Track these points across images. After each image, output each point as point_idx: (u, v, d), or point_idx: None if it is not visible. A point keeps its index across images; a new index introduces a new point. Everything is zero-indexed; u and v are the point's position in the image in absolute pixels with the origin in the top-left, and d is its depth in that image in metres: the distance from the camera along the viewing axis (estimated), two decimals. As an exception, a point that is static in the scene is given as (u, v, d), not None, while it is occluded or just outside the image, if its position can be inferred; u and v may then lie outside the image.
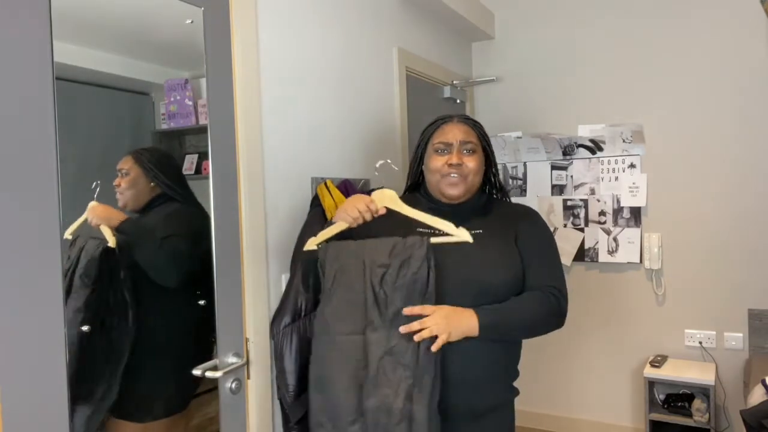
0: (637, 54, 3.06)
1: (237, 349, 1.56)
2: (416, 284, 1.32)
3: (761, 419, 2.03)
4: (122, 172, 1.36)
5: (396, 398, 1.26)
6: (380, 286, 1.33)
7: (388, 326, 1.31)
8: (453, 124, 1.52)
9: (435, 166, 1.50)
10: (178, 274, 1.51)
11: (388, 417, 1.26)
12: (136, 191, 1.39)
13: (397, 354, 1.29)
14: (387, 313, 1.32)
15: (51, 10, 1.13)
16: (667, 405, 2.85)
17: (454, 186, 1.48)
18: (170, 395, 1.50)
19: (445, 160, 1.48)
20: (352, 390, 1.30)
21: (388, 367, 1.28)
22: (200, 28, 1.48)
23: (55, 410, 1.12)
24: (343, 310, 1.36)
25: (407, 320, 1.31)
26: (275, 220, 1.74)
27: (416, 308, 1.31)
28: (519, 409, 3.36)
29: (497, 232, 1.49)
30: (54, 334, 1.12)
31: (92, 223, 1.32)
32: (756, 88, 2.81)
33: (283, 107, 1.82)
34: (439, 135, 1.52)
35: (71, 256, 1.27)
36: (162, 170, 1.45)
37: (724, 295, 2.91)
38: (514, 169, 3.36)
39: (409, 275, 1.32)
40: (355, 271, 1.36)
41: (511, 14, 3.40)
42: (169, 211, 1.48)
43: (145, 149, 1.42)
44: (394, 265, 1.33)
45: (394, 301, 1.32)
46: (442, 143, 1.50)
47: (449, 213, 1.51)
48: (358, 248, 1.39)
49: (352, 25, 2.22)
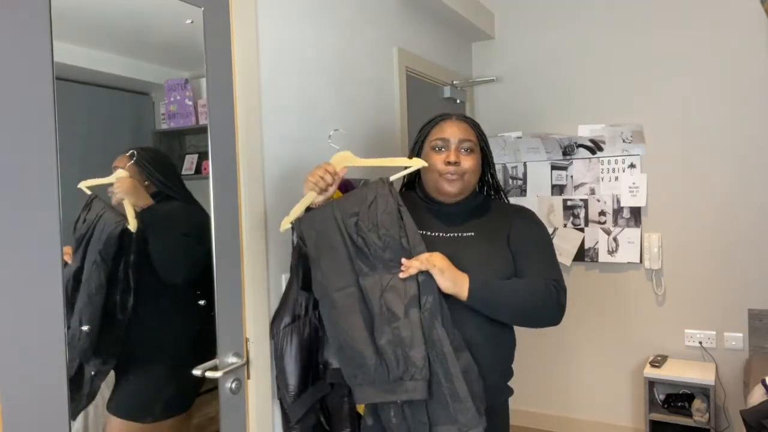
0: (637, 54, 3.06)
1: (237, 349, 1.56)
2: (391, 218, 1.35)
3: (761, 419, 2.03)
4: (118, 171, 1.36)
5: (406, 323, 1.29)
6: (357, 234, 1.36)
7: (377, 267, 1.35)
8: (451, 122, 1.52)
9: (433, 164, 1.49)
10: (188, 273, 1.52)
11: (403, 346, 1.28)
12: (132, 194, 1.38)
13: (394, 288, 1.32)
14: (371, 256, 1.35)
15: (51, 10, 1.13)
16: (667, 405, 2.85)
17: (451, 184, 1.47)
18: (170, 396, 1.50)
19: (443, 158, 1.48)
20: (367, 338, 1.32)
21: (391, 302, 1.31)
22: (200, 28, 1.48)
23: (55, 410, 1.12)
24: (332, 269, 1.38)
25: (396, 252, 1.34)
26: (275, 220, 1.74)
27: (414, 261, 1.33)
28: (518, 409, 3.37)
29: (489, 234, 1.48)
30: (54, 334, 1.12)
31: (116, 194, 1.32)
32: (756, 88, 2.81)
33: (282, 107, 1.82)
34: (438, 132, 1.51)
35: (86, 219, 1.26)
36: (158, 169, 1.44)
37: (724, 295, 2.91)
38: (514, 169, 3.36)
39: (379, 214, 1.35)
40: (332, 231, 1.39)
41: (511, 14, 3.40)
42: (171, 209, 1.48)
43: (141, 148, 1.41)
44: (362, 209, 1.37)
45: (373, 241, 1.34)
46: (440, 140, 1.49)
47: (444, 214, 1.52)
48: (327, 210, 1.42)
49: (352, 25, 2.22)
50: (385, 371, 1.30)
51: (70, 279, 1.24)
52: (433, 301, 1.30)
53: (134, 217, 1.35)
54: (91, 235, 1.28)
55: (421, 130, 1.58)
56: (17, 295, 1.06)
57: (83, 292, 1.29)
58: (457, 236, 1.47)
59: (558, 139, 3.16)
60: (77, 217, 1.22)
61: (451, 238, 1.47)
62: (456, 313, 1.34)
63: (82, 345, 1.30)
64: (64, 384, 1.13)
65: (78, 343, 1.28)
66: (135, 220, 1.35)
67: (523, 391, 3.40)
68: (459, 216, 1.51)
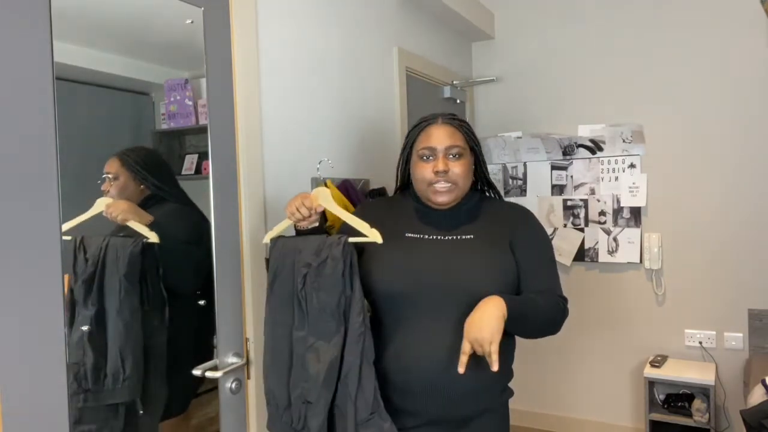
0: (637, 54, 3.06)
1: (237, 349, 1.56)
2: (335, 284, 1.32)
3: (761, 419, 2.03)
4: (110, 176, 1.32)
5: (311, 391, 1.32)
6: (302, 287, 1.34)
7: (309, 326, 1.34)
8: (437, 127, 1.44)
9: (421, 175, 1.43)
10: (196, 282, 1.52)
11: (307, 409, 1.32)
12: (126, 196, 1.35)
13: (317, 351, 1.32)
14: (307, 314, 1.34)
15: (51, 10, 1.13)
16: (667, 405, 2.85)
17: (441, 194, 1.42)
18: (170, 397, 1.49)
19: (430, 167, 1.41)
20: (284, 380, 1.36)
21: (309, 362, 1.32)
22: (200, 28, 1.48)
23: (55, 410, 1.12)
24: (278, 305, 1.39)
25: (327, 319, 1.31)
26: (275, 220, 1.74)
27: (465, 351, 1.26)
28: (518, 409, 3.37)
29: (490, 237, 1.43)
30: (54, 334, 1.12)
31: (117, 219, 1.30)
32: (756, 88, 2.81)
33: (283, 107, 1.82)
34: (424, 140, 1.44)
35: (87, 258, 1.23)
36: (150, 171, 1.41)
37: (724, 295, 2.91)
38: (514, 169, 3.36)
39: (325, 276, 1.32)
40: (288, 270, 1.38)
41: (511, 14, 3.40)
42: (169, 217, 1.45)
43: (131, 150, 1.37)
44: (314, 265, 1.33)
45: (312, 301, 1.33)
46: (426, 149, 1.42)
47: (439, 217, 1.47)
48: (294, 245, 1.40)
49: (352, 25, 2.22)
50: (290, 419, 1.35)
51: (92, 323, 1.23)
52: (351, 375, 1.30)
53: (150, 230, 1.34)
54: (102, 269, 1.27)
55: (407, 136, 1.51)
56: (17, 294, 1.06)
57: (117, 326, 1.28)
58: (455, 239, 1.43)
59: (558, 139, 3.16)
60: (72, 263, 1.18)
61: (450, 241, 1.42)
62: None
63: (130, 385, 1.30)
64: (64, 384, 1.13)
65: (123, 386, 1.29)
66: (153, 232, 1.34)
67: (523, 391, 3.40)
68: (456, 218, 1.47)
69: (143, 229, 1.33)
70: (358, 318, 1.31)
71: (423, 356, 1.34)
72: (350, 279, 1.32)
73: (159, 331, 1.40)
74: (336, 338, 1.30)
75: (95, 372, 1.27)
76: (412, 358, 1.35)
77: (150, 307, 1.37)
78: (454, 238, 1.43)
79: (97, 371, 1.27)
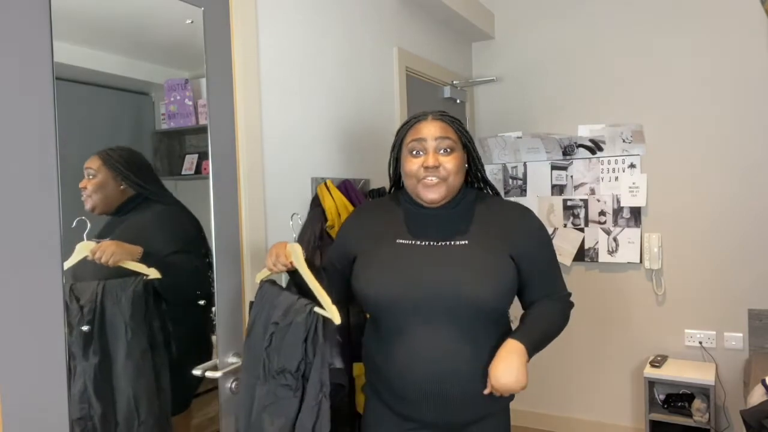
0: (637, 54, 3.06)
1: (237, 349, 1.56)
2: (295, 351, 1.31)
3: (761, 419, 2.03)
4: (89, 172, 1.26)
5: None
6: (268, 345, 1.34)
7: (269, 384, 1.33)
8: (427, 122, 1.39)
9: (411, 170, 1.37)
10: (192, 291, 1.51)
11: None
12: (104, 194, 1.29)
13: (272, 412, 1.31)
14: (268, 371, 1.33)
15: (51, 10, 1.13)
16: (667, 405, 2.85)
17: (432, 189, 1.36)
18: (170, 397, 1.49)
19: (420, 162, 1.36)
20: (244, 427, 1.36)
21: (264, 421, 1.31)
22: (200, 28, 1.48)
23: (55, 410, 1.12)
24: (249, 354, 1.39)
25: (285, 383, 1.31)
26: (275, 220, 1.74)
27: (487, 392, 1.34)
28: (518, 409, 3.37)
29: (485, 241, 1.37)
30: (54, 334, 1.12)
31: (109, 264, 1.25)
32: (756, 88, 2.81)
33: (283, 107, 1.82)
34: (413, 134, 1.39)
35: (81, 306, 1.19)
36: (132, 170, 1.36)
37: (724, 295, 2.91)
38: (514, 169, 3.36)
39: (287, 339, 1.31)
40: (262, 322, 1.38)
41: (511, 14, 3.40)
42: (155, 218, 1.41)
43: (113, 149, 1.32)
44: (281, 326, 1.33)
45: (273, 360, 1.32)
46: (416, 141, 1.37)
47: (432, 219, 1.41)
48: (271, 299, 1.39)
49: (352, 25, 2.22)
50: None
51: (96, 373, 1.21)
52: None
53: (148, 266, 1.31)
54: (102, 316, 1.24)
55: (397, 133, 1.46)
56: (18, 295, 1.06)
57: (126, 370, 1.27)
58: (449, 245, 1.36)
59: (558, 139, 3.16)
60: (65, 316, 1.14)
61: (443, 248, 1.36)
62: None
63: (146, 428, 1.28)
64: (64, 384, 1.13)
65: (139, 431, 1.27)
66: (152, 269, 1.32)
67: (523, 391, 3.40)
68: (450, 221, 1.41)
69: (141, 267, 1.30)
70: (314, 388, 1.28)
71: (419, 364, 1.32)
72: (312, 347, 1.30)
73: (164, 360, 1.39)
74: (291, 404, 1.29)
75: (104, 424, 1.24)
76: (408, 366, 1.33)
77: (158, 340, 1.36)
78: (448, 244, 1.37)
79: (107, 422, 1.25)
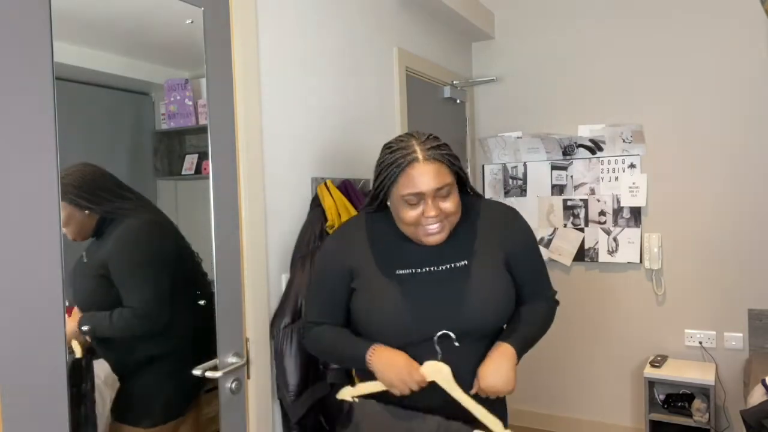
0: (637, 54, 3.06)
1: (237, 349, 1.56)
2: None
3: (761, 419, 2.03)
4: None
5: None
6: None
7: None
8: (420, 167, 1.23)
9: (408, 219, 1.27)
10: (167, 315, 1.45)
11: None
12: (75, 227, 1.26)
13: None
14: None
15: (51, 10, 1.13)
16: (667, 405, 2.85)
17: (434, 235, 1.28)
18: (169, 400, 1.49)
19: (418, 212, 1.25)
20: None
21: None
22: (200, 28, 1.48)
23: (55, 410, 1.12)
24: None
25: None
26: (275, 220, 1.74)
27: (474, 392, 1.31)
28: (518, 409, 3.37)
29: (483, 256, 1.34)
30: (54, 334, 1.12)
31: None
32: (756, 88, 2.81)
33: (282, 107, 1.82)
34: (406, 184, 1.24)
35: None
36: (86, 193, 1.29)
37: (724, 295, 2.91)
38: (514, 169, 3.36)
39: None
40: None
41: (511, 14, 3.40)
42: (119, 238, 1.35)
43: (66, 173, 1.21)
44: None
45: None
46: (412, 196, 1.24)
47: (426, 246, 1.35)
48: (395, 424, 1.30)
49: (352, 25, 2.22)
50: None
51: None
52: None
53: (78, 344, 1.25)
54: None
55: (383, 171, 1.28)
56: (18, 295, 1.06)
57: None
58: (450, 267, 1.33)
59: (558, 139, 3.16)
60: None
61: (446, 272, 1.32)
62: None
63: None
64: (64, 384, 1.13)
65: None
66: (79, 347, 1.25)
67: (523, 391, 3.40)
68: (446, 242, 1.34)
69: (75, 347, 1.25)
70: None
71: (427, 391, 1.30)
72: None
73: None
74: None
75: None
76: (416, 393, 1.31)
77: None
78: (449, 266, 1.33)
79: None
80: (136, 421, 1.40)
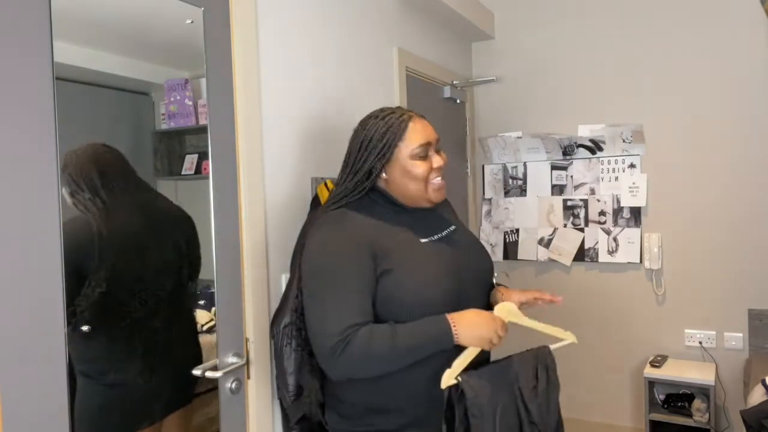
0: (637, 54, 3.06)
1: (237, 349, 1.56)
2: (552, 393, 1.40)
3: (761, 419, 2.03)
4: None
5: None
6: (532, 404, 1.34)
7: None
8: (420, 121, 1.35)
9: (419, 174, 1.32)
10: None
11: None
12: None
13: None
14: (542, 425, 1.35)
15: (51, 10, 1.13)
16: (667, 405, 2.85)
17: (441, 191, 1.36)
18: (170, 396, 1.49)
19: (428, 165, 1.33)
20: None
21: None
22: (200, 28, 1.48)
23: (55, 410, 1.12)
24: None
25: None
26: (275, 220, 1.74)
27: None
28: (519, 409, 3.37)
29: (457, 221, 1.52)
30: (54, 334, 1.12)
31: None
32: (756, 88, 2.81)
33: (283, 107, 1.81)
34: (416, 138, 1.31)
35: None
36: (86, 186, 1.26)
37: (724, 295, 2.91)
38: (514, 169, 3.36)
39: (551, 398, 1.40)
40: (509, 403, 1.31)
41: (511, 14, 3.40)
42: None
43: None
44: (540, 389, 1.37)
45: (541, 413, 1.35)
46: (423, 146, 1.32)
47: (418, 215, 1.39)
48: (503, 374, 1.33)
49: (352, 25, 2.22)
50: None
51: None
52: None
53: None
54: None
55: (383, 137, 1.32)
56: (17, 295, 1.06)
57: None
58: (451, 231, 1.44)
59: (558, 139, 3.16)
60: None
61: (448, 237, 1.41)
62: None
63: None
64: (64, 384, 1.13)
65: None
66: None
67: (523, 391, 3.40)
68: (432, 213, 1.44)
69: None
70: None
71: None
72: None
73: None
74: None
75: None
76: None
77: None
78: (450, 231, 1.44)
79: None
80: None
